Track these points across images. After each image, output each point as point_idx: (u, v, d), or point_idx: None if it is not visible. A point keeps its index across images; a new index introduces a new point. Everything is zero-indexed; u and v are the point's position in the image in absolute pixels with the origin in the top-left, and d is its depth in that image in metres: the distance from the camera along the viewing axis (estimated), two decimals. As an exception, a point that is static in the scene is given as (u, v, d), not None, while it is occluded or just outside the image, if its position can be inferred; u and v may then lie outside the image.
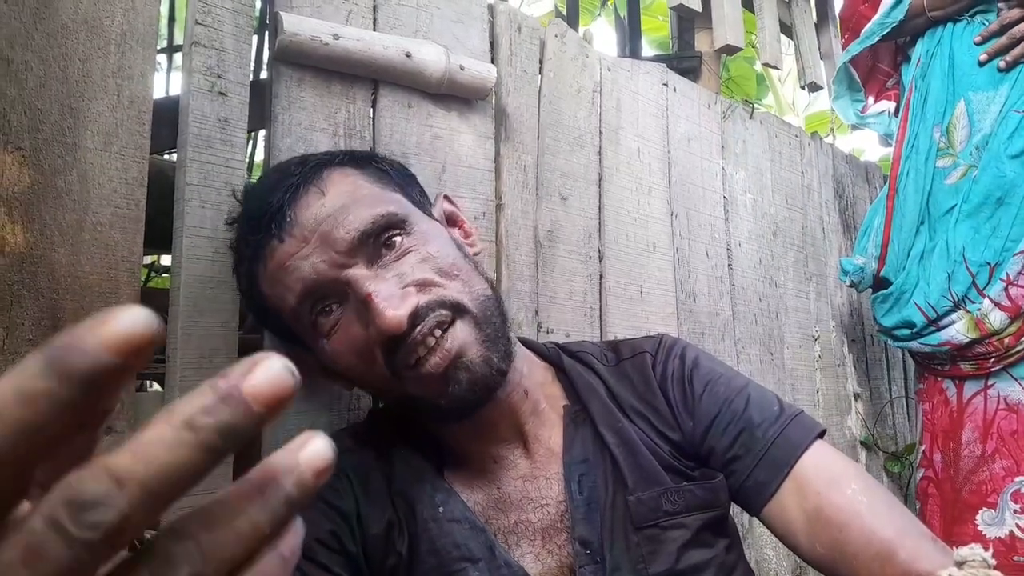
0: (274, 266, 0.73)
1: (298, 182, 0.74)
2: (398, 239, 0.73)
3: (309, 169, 0.75)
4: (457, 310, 0.72)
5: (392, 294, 0.69)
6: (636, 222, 1.46)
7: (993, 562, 0.48)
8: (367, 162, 0.80)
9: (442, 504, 0.75)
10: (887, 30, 1.69)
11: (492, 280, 0.82)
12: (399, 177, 0.82)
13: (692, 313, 1.55)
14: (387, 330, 0.67)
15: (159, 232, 0.89)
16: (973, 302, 1.53)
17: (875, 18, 1.71)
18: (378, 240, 0.72)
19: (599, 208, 1.40)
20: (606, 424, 0.81)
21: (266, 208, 0.73)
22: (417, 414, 0.79)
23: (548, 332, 1.25)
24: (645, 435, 0.81)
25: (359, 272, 0.71)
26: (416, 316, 0.69)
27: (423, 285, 0.72)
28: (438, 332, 0.70)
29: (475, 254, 0.83)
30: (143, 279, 0.84)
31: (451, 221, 0.86)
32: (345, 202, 0.73)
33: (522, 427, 0.80)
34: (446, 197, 0.88)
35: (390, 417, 0.86)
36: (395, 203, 0.76)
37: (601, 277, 1.38)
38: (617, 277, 1.40)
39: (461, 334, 0.71)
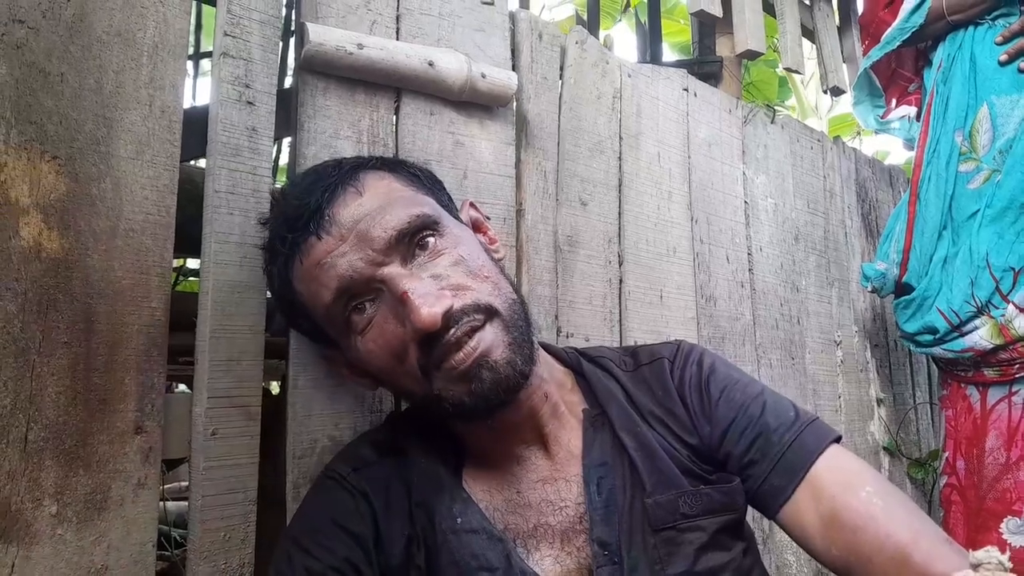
0: (310, 263, 0.74)
1: (335, 182, 0.76)
2: (431, 240, 0.75)
3: (346, 171, 0.78)
4: (489, 313, 0.74)
5: (428, 292, 0.71)
6: (656, 227, 1.47)
7: (1009, 565, 0.48)
8: (399, 166, 0.83)
9: (460, 515, 0.76)
10: (907, 35, 1.69)
11: (516, 285, 0.83)
12: (429, 182, 0.85)
13: (712, 318, 1.55)
14: (423, 327, 0.69)
15: (188, 237, 0.92)
16: (997, 308, 1.52)
17: (895, 23, 1.71)
18: (412, 240, 0.74)
19: (619, 213, 1.41)
20: (625, 428, 0.82)
21: (304, 207, 0.75)
22: (440, 414, 0.80)
23: (568, 336, 1.26)
24: (663, 439, 0.82)
25: (395, 270, 0.73)
26: (450, 318, 0.70)
27: (457, 289, 0.73)
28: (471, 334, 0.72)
29: (499, 260, 0.84)
30: (172, 283, 0.86)
31: (476, 227, 0.87)
32: (382, 203, 0.75)
33: (542, 429, 0.81)
34: (472, 204, 0.90)
35: (410, 420, 0.88)
36: (428, 205, 0.78)
37: (621, 282, 1.38)
38: (637, 282, 1.41)
39: (488, 336, 0.72)
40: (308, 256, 0.74)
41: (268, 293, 0.92)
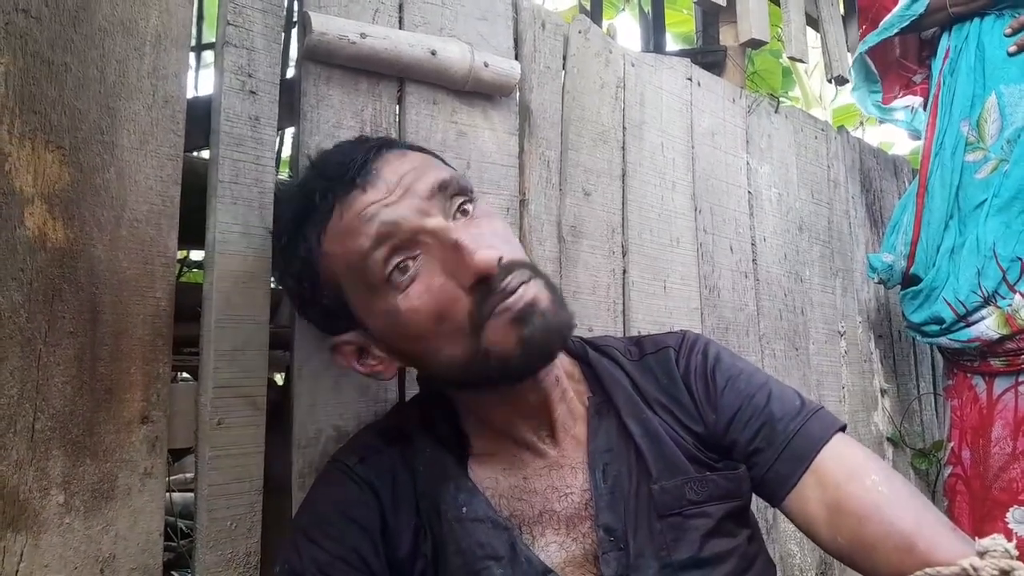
0: (351, 215, 0.73)
1: (378, 145, 0.78)
2: (469, 207, 0.77)
3: (382, 139, 0.81)
4: (534, 271, 0.74)
5: (480, 239, 0.72)
6: (660, 217, 1.47)
7: (1015, 553, 0.48)
8: (424, 150, 0.85)
9: (465, 504, 0.77)
10: (906, 23, 1.68)
11: None
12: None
13: (716, 308, 1.55)
14: (480, 269, 0.69)
15: (191, 228, 0.92)
16: (1004, 298, 1.51)
17: (895, 10, 1.70)
18: (453, 198, 0.76)
19: (622, 203, 1.40)
20: (631, 415, 0.82)
21: (349, 163, 0.75)
22: (477, 377, 0.75)
23: (572, 326, 1.26)
24: (669, 427, 0.82)
25: (442, 222, 0.73)
26: (503, 267, 0.71)
27: (501, 248, 0.73)
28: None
29: None
30: (177, 274, 0.86)
31: None
32: (423, 163, 0.77)
33: (552, 414, 0.81)
34: None
35: (415, 409, 0.88)
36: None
37: (624, 272, 1.38)
38: (641, 272, 1.40)
39: (535, 288, 0.72)
40: (350, 208, 0.73)
41: (272, 283, 0.93)
